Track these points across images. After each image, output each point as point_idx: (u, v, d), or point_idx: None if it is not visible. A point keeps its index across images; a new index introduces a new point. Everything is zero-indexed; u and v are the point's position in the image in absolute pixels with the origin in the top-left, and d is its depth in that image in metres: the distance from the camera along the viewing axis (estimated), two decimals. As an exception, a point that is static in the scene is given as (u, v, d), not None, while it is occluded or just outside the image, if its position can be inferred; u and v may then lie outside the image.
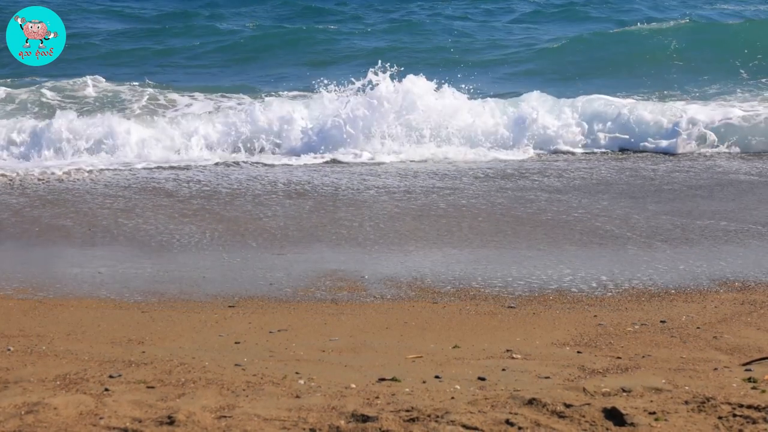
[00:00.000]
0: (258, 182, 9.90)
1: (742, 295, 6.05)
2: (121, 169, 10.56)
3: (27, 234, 7.87)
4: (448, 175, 10.22)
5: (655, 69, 15.96)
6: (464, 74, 14.12)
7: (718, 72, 15.45)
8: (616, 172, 10.36)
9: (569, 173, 10.25)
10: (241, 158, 11.31)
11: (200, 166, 10.83)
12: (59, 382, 4.12)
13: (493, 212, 8.42)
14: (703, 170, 10.48)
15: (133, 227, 7.98)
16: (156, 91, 14.02)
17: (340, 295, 6.19)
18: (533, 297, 6.10)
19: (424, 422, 3.54)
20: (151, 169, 10.65)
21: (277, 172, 10.50)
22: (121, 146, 11.32)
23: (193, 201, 8.99)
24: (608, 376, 4.34)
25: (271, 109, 12.22)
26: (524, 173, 10.29)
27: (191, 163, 11.02)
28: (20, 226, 8.10)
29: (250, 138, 11.80)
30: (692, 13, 21.53)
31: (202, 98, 13.79)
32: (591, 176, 10.10)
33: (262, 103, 12.54)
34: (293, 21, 21.32)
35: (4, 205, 8.87)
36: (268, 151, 11.67)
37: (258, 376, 4.26)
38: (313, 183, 9.83)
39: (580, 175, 10.18)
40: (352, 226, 7.93)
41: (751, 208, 8.48)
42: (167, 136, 11.68)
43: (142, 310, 5.83)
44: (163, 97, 13.74)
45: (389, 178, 10.09)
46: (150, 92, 13.93)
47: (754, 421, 3.55)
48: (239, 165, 10.99)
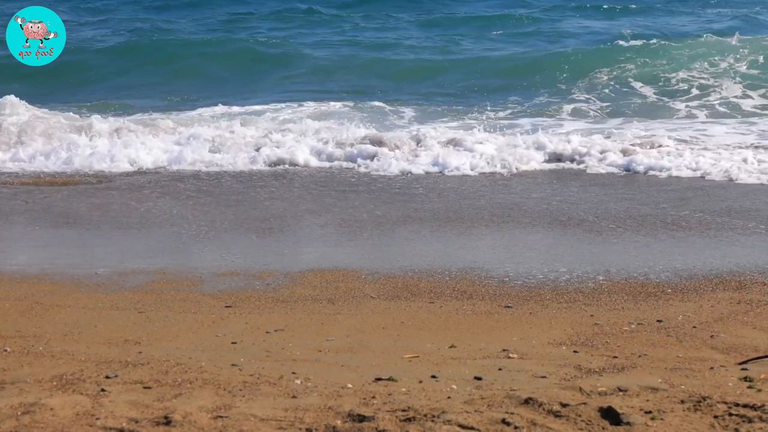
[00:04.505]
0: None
1: (739, 295, 6.06)
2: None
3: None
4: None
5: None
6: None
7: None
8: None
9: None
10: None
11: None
12: (56, 383, 4.12)
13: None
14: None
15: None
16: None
17: (337, 294, 6.19)
18: (530, 296, 6.11)
19: (421, 422, 3.54)
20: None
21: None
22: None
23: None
24: (604, 375, 4.34)
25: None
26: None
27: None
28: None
29: None
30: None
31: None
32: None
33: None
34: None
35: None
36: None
37: (255, 376, 4.26)
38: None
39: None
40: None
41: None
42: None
43: (138, 310, 5.83)
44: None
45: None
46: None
47: (750, 420, 3.55)
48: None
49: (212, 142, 12.17)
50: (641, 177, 10.63)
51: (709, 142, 12.44)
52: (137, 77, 18.12)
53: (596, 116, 14.80)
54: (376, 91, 16.85)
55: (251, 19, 24.28)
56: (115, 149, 11.94)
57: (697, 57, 17.78)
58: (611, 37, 20.68)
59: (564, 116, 14.75)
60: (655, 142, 12.08)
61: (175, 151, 11.91)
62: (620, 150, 11.54)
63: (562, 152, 11.62)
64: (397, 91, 16.89)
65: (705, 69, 17.13)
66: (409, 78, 17.74)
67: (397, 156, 11.49)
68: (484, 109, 15.19)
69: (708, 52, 17.97)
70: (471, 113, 14.89)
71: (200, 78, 18.14)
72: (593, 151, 11.47)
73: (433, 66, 18.44)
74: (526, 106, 15.46)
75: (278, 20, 24.11)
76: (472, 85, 17.13)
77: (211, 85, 17.59)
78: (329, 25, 23.04)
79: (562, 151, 11.65)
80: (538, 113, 14.92)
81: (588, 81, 16.82)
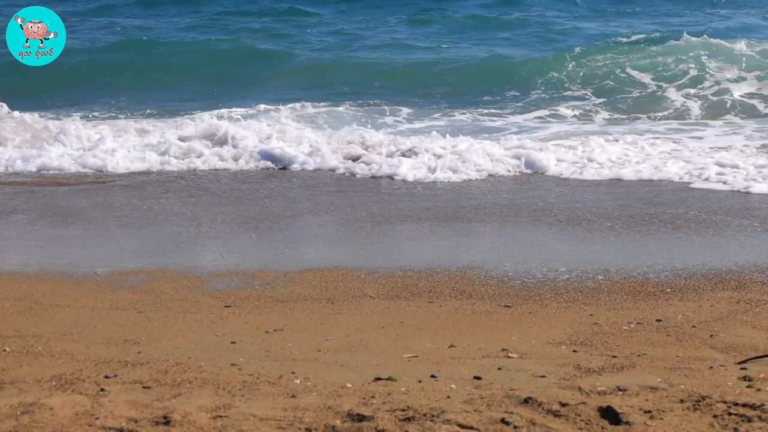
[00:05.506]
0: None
1: (738, 294, 6.06)
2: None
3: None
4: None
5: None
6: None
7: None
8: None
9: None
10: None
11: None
12: (55, 383, 4.12)
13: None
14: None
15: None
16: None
17: (336, 294, 6.20)
18: (529, 296, 6.11)
19: (420, 421, 3.54)
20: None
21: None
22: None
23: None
24: (604, 374, 4.34)
25: None
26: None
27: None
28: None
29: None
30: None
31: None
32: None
33: None
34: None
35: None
36: None
37: (254, 375, 4.26)
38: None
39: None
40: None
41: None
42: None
43: (138, 310, 5.83)
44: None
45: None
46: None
47: (750, 420, 3.56)
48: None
49: (209, 144, 12.19)
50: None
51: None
52: (124, 79, 18.00)
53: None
54: (368, 90, 16.77)
55: (237, 21, 24.06)
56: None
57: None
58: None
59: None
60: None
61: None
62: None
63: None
64: (387, 91, 16.81)
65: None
66: (390, 78, 17.63)
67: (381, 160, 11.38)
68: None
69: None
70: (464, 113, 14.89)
71: (179, 79, 17.97)
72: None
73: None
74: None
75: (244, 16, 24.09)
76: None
77: (194, 87, 17.46)
78: (314, 26, 22.96)
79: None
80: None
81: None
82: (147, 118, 14.78)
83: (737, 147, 11.74)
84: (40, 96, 16.37)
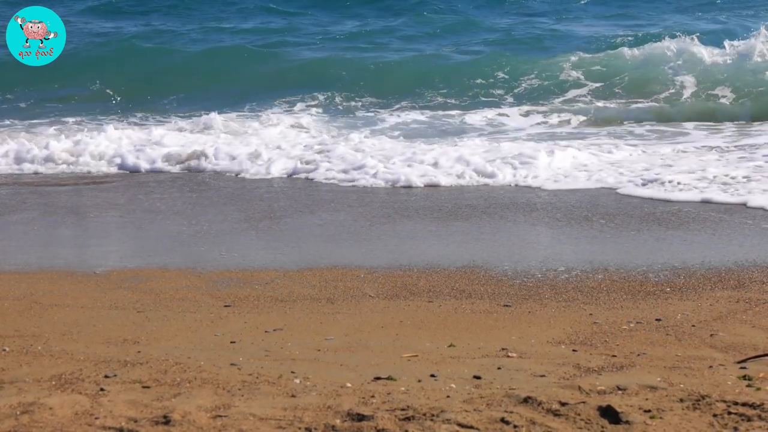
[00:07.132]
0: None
1: (738, 293, 6.06)
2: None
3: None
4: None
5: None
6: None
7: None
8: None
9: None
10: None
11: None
12: (55, 382, 4.12)
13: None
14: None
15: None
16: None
17: (336, 293, 6.20)
18: (529, 295, 6.11)
19: (420, 421, 3.55)
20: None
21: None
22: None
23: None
24: (603, 374, 4.34)
25: None
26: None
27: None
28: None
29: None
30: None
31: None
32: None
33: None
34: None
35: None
36: None
37: (254, 375, 4.26)
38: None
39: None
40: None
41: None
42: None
43: (137, 309, 5.83)
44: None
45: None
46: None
47: (749, 419, 3.56)
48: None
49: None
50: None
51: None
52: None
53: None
54: (364, 95, 16.67)
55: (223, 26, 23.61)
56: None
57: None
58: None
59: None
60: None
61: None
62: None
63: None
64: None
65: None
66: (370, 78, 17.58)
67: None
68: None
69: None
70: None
71: (161, 85, 17.81)
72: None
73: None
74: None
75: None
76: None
77: (178, 92, 17.37)
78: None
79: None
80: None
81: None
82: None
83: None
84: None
